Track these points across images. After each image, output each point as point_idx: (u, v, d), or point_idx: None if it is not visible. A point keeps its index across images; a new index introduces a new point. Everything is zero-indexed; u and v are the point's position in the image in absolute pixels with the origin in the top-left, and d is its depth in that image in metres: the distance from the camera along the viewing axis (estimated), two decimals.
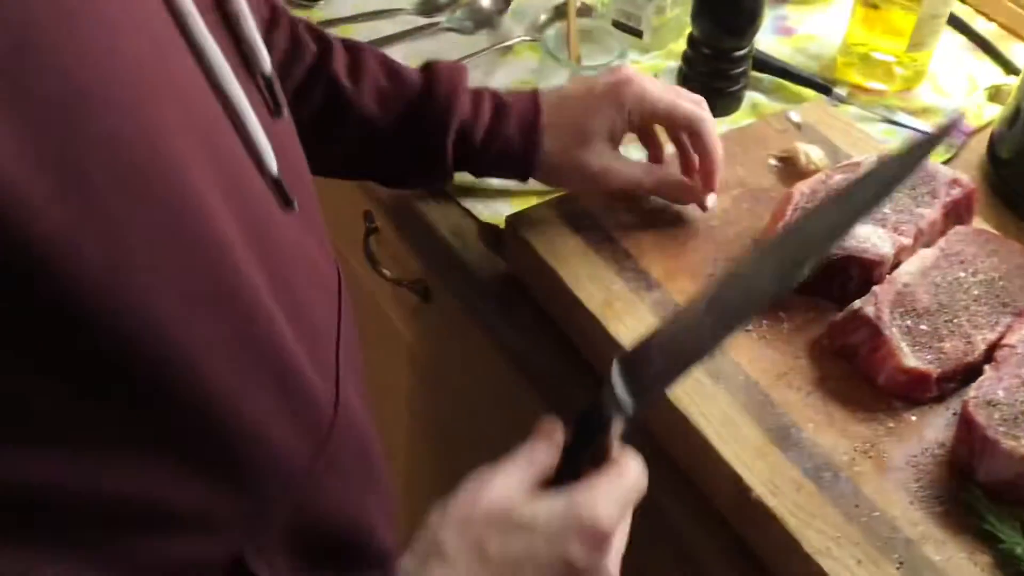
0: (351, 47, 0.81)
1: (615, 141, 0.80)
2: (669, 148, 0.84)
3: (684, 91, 0.81)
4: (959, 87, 1.08)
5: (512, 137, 0.79)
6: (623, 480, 0.55)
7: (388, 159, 0.82)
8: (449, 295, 0.94)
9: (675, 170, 0.82)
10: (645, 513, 0.75)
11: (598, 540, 0.53)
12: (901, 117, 1.03)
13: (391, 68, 0.80)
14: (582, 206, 0.83)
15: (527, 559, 0.52)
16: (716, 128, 0.80)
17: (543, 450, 0.56)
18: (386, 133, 0.79)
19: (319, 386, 0.55)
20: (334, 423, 0.57)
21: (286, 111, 0.56)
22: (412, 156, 0.81)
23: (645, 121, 0.80)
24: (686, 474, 0.72)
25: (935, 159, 0.95)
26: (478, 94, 0.80)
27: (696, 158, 0.81)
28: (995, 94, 1.05)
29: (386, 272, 1.04)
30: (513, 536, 0.52)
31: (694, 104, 0.80)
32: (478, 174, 0.85)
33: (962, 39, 1.13)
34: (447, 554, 0.52)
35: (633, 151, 0.85)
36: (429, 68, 0.80)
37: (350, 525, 0.61)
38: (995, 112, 1.02)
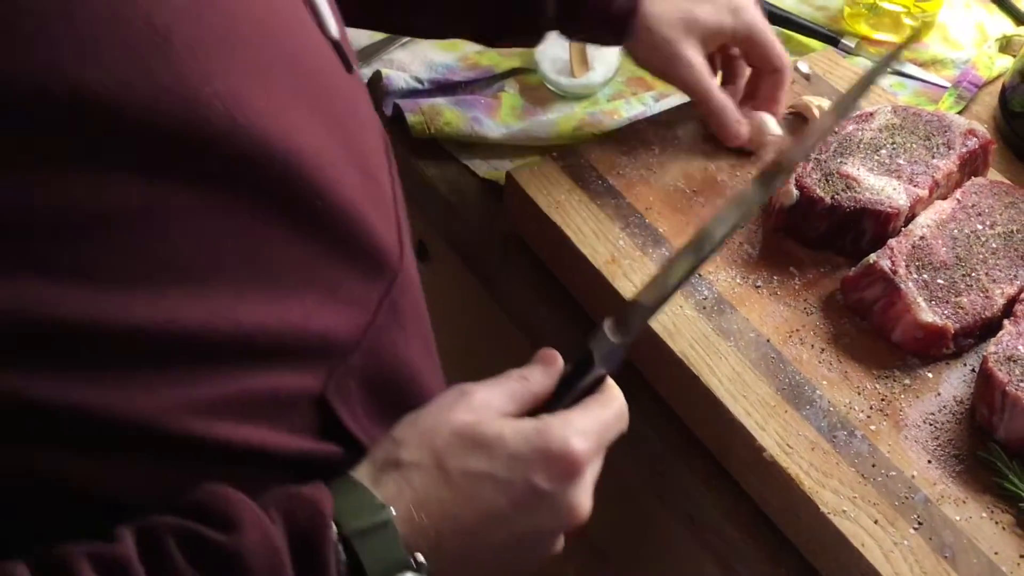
0: None
1: (708, 45, 0.80)
2: None
3: None
4: (969, 38, 1.05)
5: None
6: (603, 411, 0.53)
7: (486, 9, 0.79)
8: (446, 254, 0.91)
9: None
10: (653, 475, 0.73)
11: (567, 469, 0.50)
12: (910, 68, 1.00)
13: None
14: (586, 160, 0.80)
15: (486, 478, 0.50)
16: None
17: (538, 374, 0.55)
18: None
19: (385, 235, 0.54)
20: (397, 275, 0.55)
21: None
22: (509, 5, 0.78)
23: (741, 39, 0.81)
24: (695, 434, 0.70)
25: (947, 109, 0.92)
26: None
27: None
28: (1006, 45, 1.02)
29: None
30: (474, 452, 0.50)
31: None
32: (572, 33, 0.82)
33: None
34: (404, 463, 0.50)
35: None
36: None
37: (411, 381, 0.59)
38: (1005, 64, 0.99)
